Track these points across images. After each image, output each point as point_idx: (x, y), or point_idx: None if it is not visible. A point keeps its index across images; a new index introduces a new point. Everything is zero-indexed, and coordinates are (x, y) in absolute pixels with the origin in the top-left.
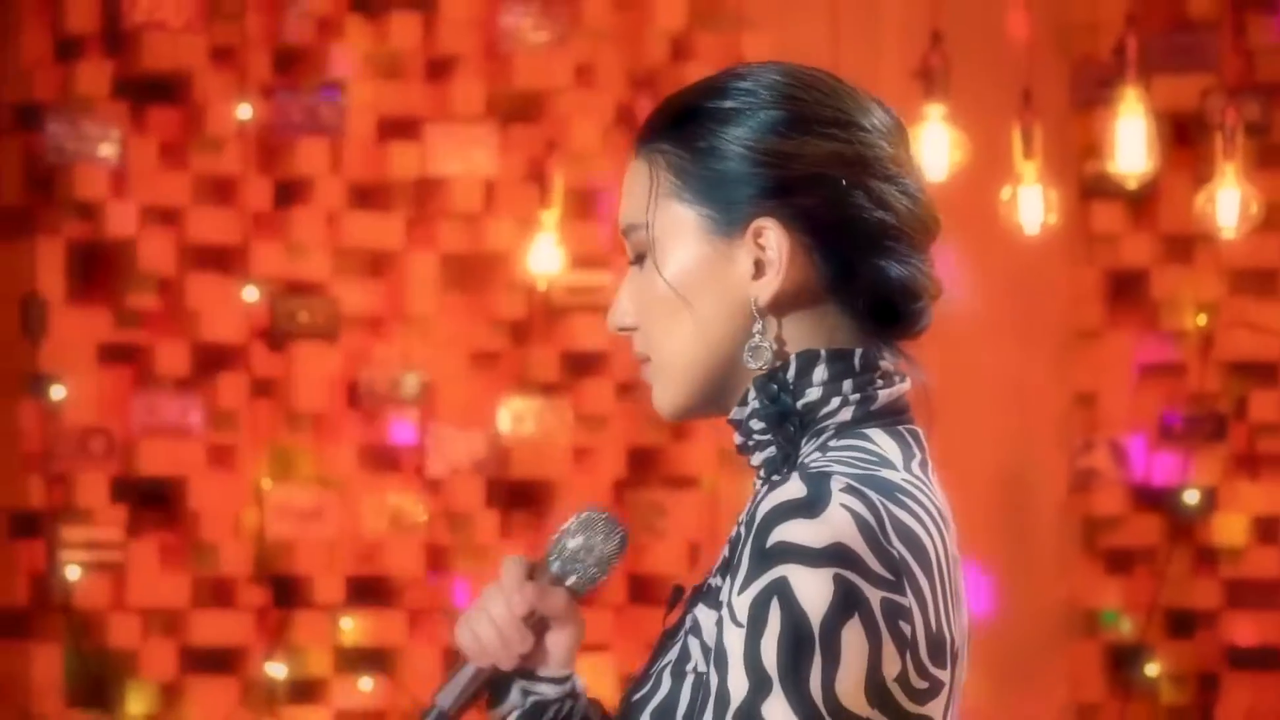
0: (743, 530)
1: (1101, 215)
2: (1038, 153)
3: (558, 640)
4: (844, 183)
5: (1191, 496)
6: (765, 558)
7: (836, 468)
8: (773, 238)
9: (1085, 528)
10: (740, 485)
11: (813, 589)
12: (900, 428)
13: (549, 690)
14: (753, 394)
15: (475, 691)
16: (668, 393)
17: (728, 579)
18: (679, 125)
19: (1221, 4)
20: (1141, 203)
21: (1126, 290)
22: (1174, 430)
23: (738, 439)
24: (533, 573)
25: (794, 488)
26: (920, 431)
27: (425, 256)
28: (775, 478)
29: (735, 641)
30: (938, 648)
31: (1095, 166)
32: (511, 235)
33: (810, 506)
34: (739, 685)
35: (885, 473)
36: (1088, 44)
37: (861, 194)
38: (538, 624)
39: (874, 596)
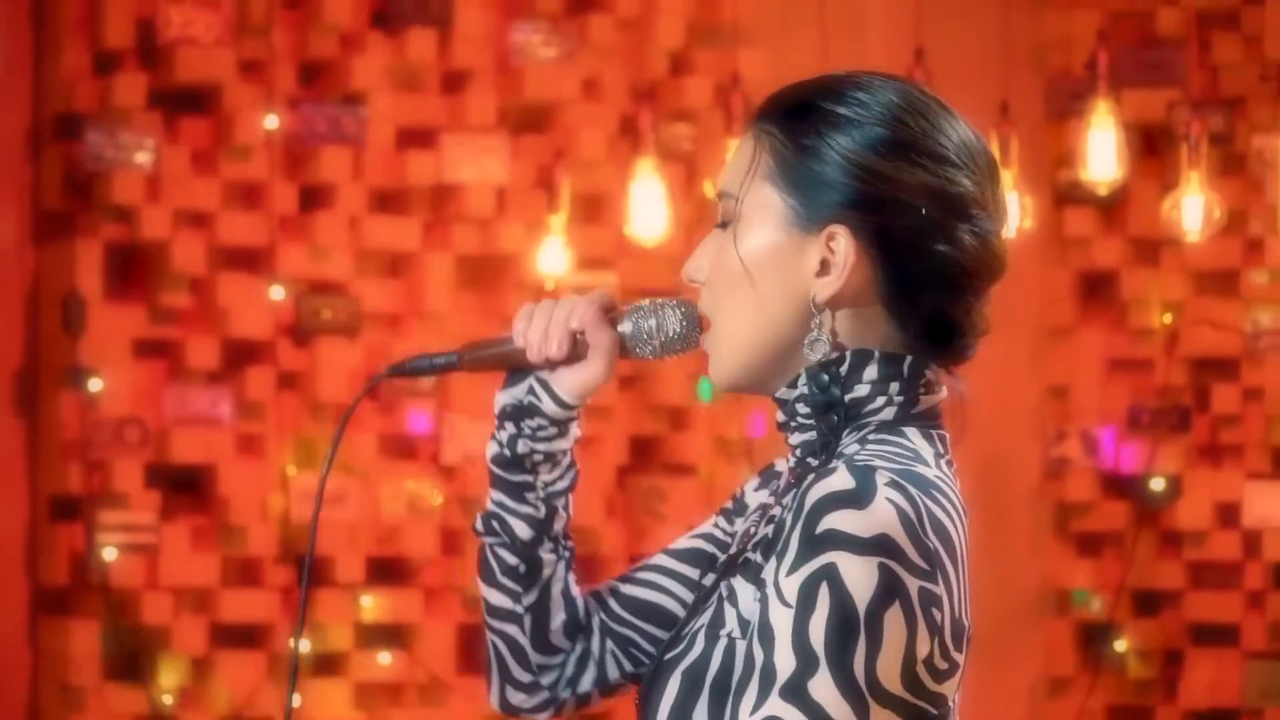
0: (788, 515)
1: (1074, 220)
2: (1014, 161)
3: (583, 370)
4: (923, 212)
5: (1157, 484)
6: (815, 544)
7: (879, 462)
8: (843, 244)
9: (1058, 512)
10: (734, 473)
11: (860, 576)
12: (931, 430)
13: (548, 403)
14: (804, 380)
15: (495, 362)
16: (723, 364)
17: (773, 559)
18: (793, 116)
19: (1188, 22)
20: (1111, 208)
21: (1097, 290)
22: (1141, 421)
23: (780, 417)
24: (609, 310)
25: (842, 479)
26: (948, 436)
27: (441, 258)
28: (812, 461)
29: (783, 621)
30: (958, 632)
31: (1068, 174)
32: (521, 238)
33: (858, 498)
34: (787, 662)
35: (920, 468)
36: (1061, 59)
37: (936, 227)
38: (579, 346)
39: (913, 585)
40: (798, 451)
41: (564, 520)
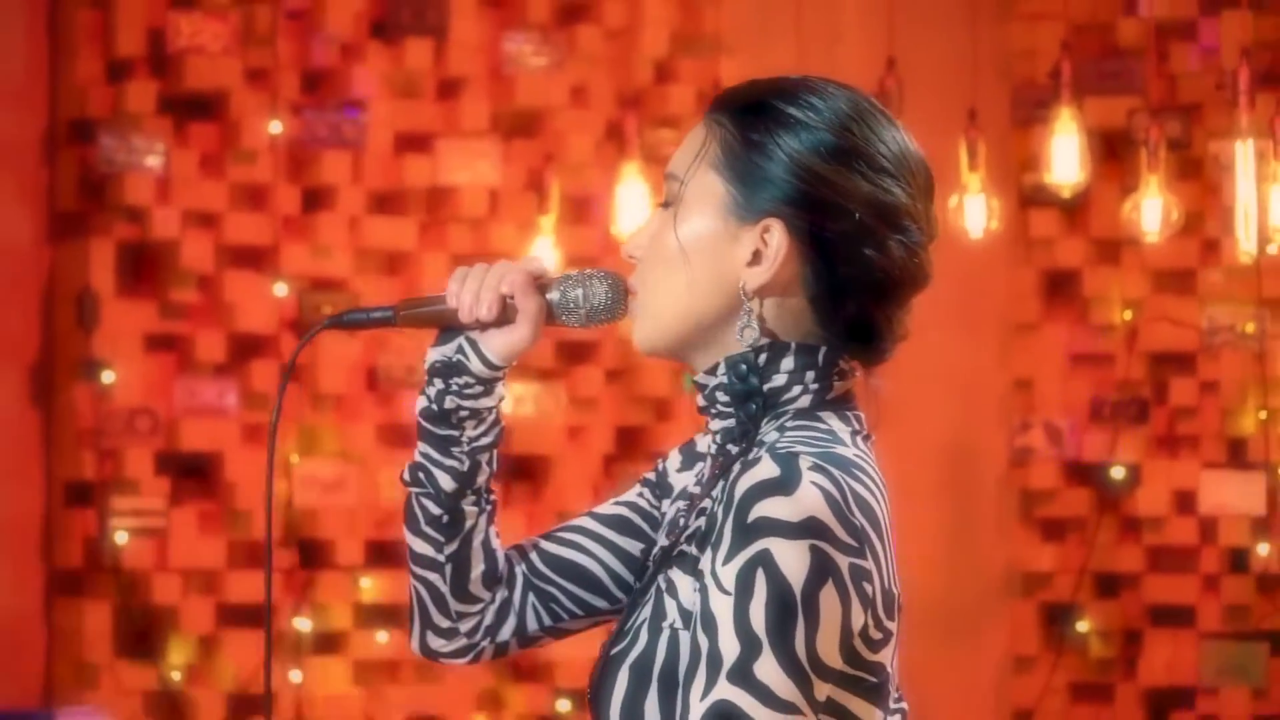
0: (718, 507)
1: (1038, 221)
2: (981, 165)
3: (511, 333)
4: (857, 218)
5: (1118, 472)
6: (748, 532)
7: (800, 447)
8: (776, 237)
9: (1023, 499)
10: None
11: (793, 559)
12: (846, 411)
13: (476, 362)
14: (723, 369)
15: (428, 320)
16: (645, 331)
17: (708, 550)
18: (746, 111)
19: (1147, 34)
20: (1074, 210)
21: (1060, 288)
22: (1102, 413)
23: (701, 401)
24: (539, 278)
25: (768, 468)
26: (863, 415)
27: (436, 257)
28: (732, 448)
29: (724, 608)
30: (889, 602)
31: (1033, 178)
32: (513, 238)
33: (785, 485)
34: (731, 647)
35: (839, 449)
36: (1027, 68)
37: (868, 234)
38: (508, 310)
39: (843, 563)
40: (718, 438)
41: (487, 475)
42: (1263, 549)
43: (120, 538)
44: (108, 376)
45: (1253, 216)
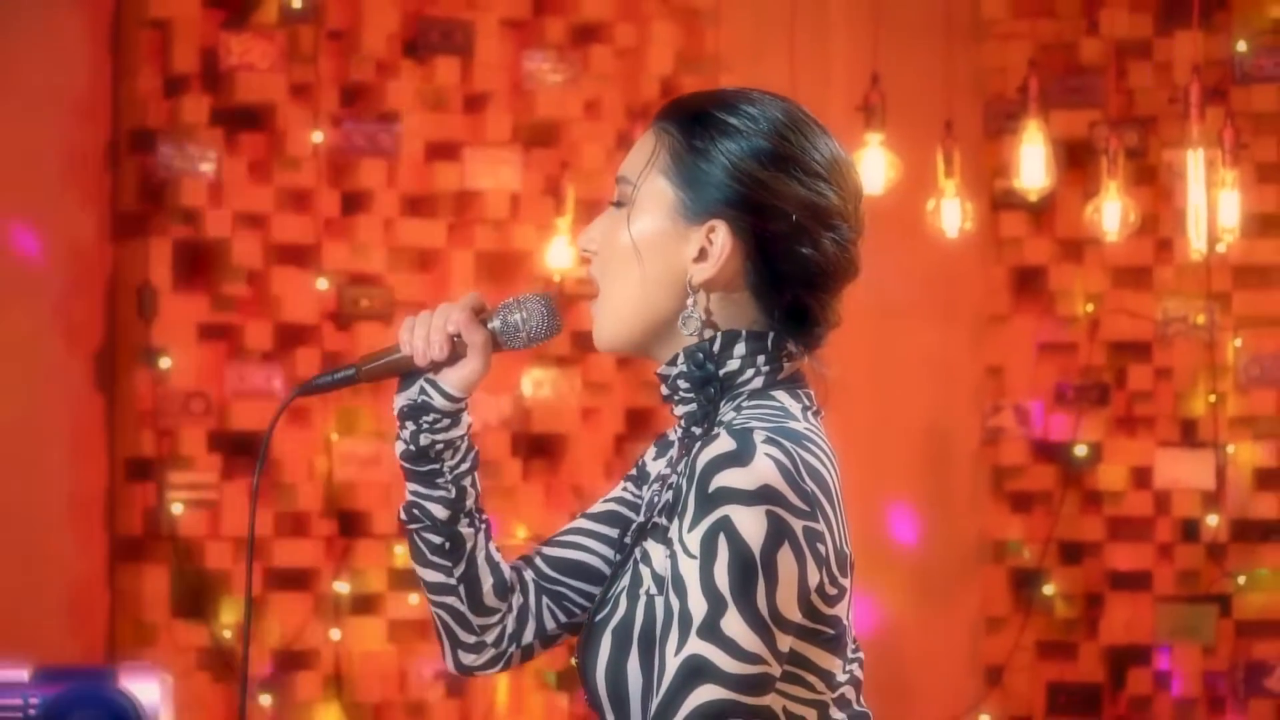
0: (683, 480)
1: (1008, 222)
2: (956, 172)
3: (464, 367)
4: (793, 219)
5: (1080, 450)
6: (709, 501)
7: (755, 424)
8: (720, 237)
9: (994, 474)
10: None
11: (751, 524)
12: (797, 389)
13: (439, 399)
14: (682, 359)
15: (388, 371)
16: (605, 329)
17: (675, 520)
18: (689, 120)
19: (1107, 52)
20: (1041, 212)
21: (1028, 283)
22: (1066, 396)
23: (664, 391)
24: (480, 312)
25: (725, 442)
26: (813, 392)
27: (463, 254)
28: (696, 430)
29: (691, 570)
30: (842, 561)
31: (1003, 183)
32: (533, 237)
33: (741, 457)
34: (699, 606)
35: (791, 424)
36: (998, 84)
37: (804, 234)
38: (458, 347)
39: (797, 526)
40: (682, 422)
41: (473, 496)
42: (1212, 520)
43: (176, 509)
44: (165, 363)
45: (1203, 219)
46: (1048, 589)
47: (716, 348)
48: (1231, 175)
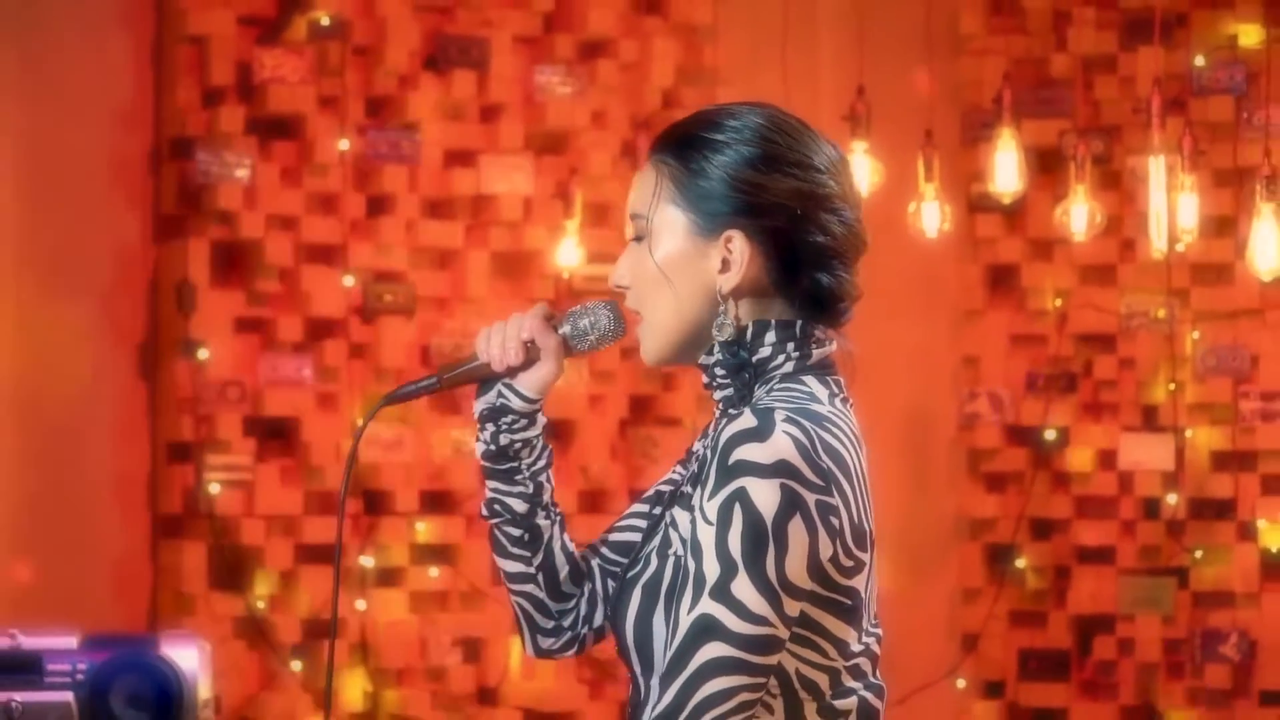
0: (708, 453)
1: (983, 224)
2: (936, 176)
3: (539, 371)
4: (798, 212)
5: (1050, 434)
6: (728, 472)
7: (778, 404)
8: (738, 245)
9: (970, 456)
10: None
11: (765, 495)
12: (827, 376)
13: (516, 401)
14: (718, 349)
15: (468, 378)
16: (652, 346)
17: (698, 488)
18: (681, 146)
19: (1075, 67)
20: (1013, 214)
21: (1002, 280)
22: (1037, 384)
23: (705, 380)
24: (550, 319)
25: (747, 419)
26: (842, 380)
27: (479, 253)
28: (733, 411)
29: (708, 536)
30: (859, 536)
31: (979, 187)
32: (544, 238)
33: (760, 433)
34: (712, 569)
35: (815, 406)
36: (974, 96)
37: (810, 222)
38: (532, 352)
39: (810, 499)
40: (720, 405)
41: (549, 491)
42: (1171, 499)
43: (213, 489)
44: (203, 354)
45: (1163, 220)
46: (1019, 562)
47: (749, 336)
48: (1190, 180)
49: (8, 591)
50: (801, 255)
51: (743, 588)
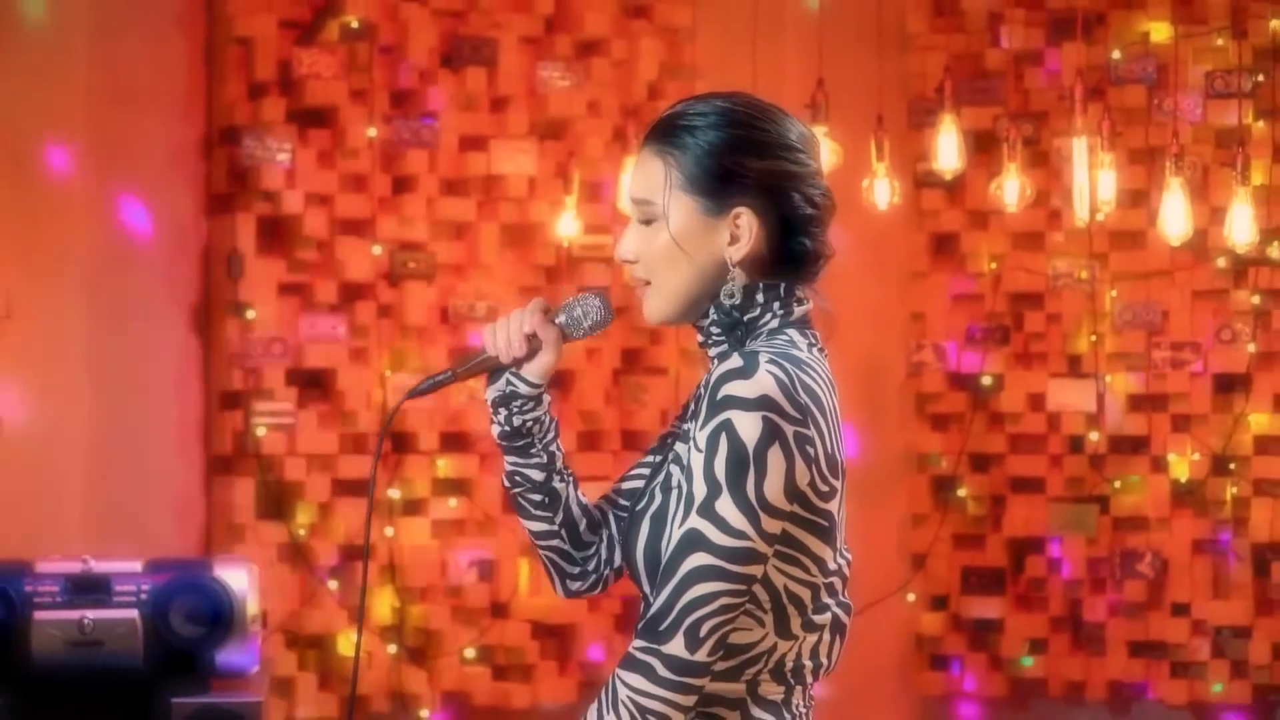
0: (703, 390)
1: (928, 198)
2: (886, 156)
3: (541, 359)
4: (788, 188)
5: (987, 380)
6: (717, 406)
7: (764, 350)
8: (745, 221)
9: (917, 400)
10: (693, 372)
11: (748, 426)
12: (806, 330)
13: (524, 387)
14: (713, 311)
15: (477, 371)
16: (660, 307)
17: (694, 422)
18: (680, 134)
19: (1007, 60)
20: (954, 189)
21: (944, 246)
22: (975, 337)
23: (700, 338)
24: (548, 312)
25: (735, 361)
26: (818, 334)
27: (490, 226)
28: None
29: (697, 462)
30: (832, 465)
31: (924, 166)
32: (546, 212)
33: (746, 372)
34: (700, 490)
35: (795, 352)
36: (919, 86)
37: (798, 195)
38: (533, 343)
39: (789, 430)
40: (715, 360)
41: (560, 458)
42: (1093, 436)
43: (260, 431)
44: (250, 314)
45: (1085, 193)
46: (961, 492)
47: (740, 299)
48: (1108, 158)
49: (81, 522)
50: (793, 224)
51: (725, 506)
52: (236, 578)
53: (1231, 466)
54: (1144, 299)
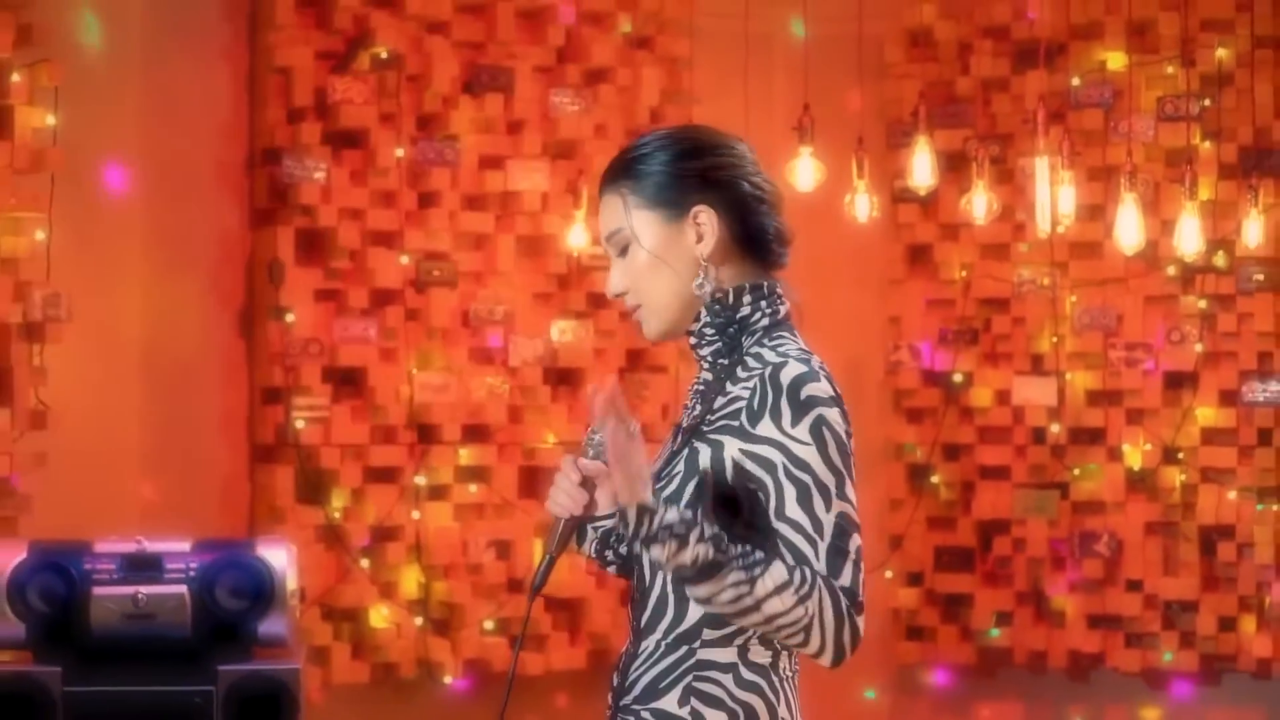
0: (764, 389)
1: (904, 212)
2: (866, 174)
3: (602, 494)
4: (734, 178)
5: (958, 377)
6: (805, 405)
7: (801, 354)
8: (705, 217)
9: (894, 395)
10: (690, 370)
11: (838, 420)
12: (793, 330)
13: (607, 522)
14: (704, 313)
15: (566, 538)
16: (655, 324)
17: (766, 420)
18: (630, 166)
19: (976, 87)
20: (928, 204)
21: (919, 256)
22: (947, 338)
23: (692, 341)
24: (579, 457)
25: (798, 366)
26: (798, 331)
27: (507, 237)
28: (724, 361)
29: (811, 454)
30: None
31: (901, 183)
32: (558, 224)
33: (814, 375)
34: (828, 478)
35: (809, 351)
36: (896, 110)
37: (746, 185)
38: (588, 486)
39: (843, 423)
40: (709, 358)
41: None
42: (1054, 428)
43: (299, 424)
44: (290, 317)
45: (1047, 208)
46: (934, 478)
47: (730, 300)
48: (1068, 176)
49: (136, 506)
50: (747, 208)
51: (849, 490)
52: (277, 556)
53: (1180, 456)
54: (1101, 304)
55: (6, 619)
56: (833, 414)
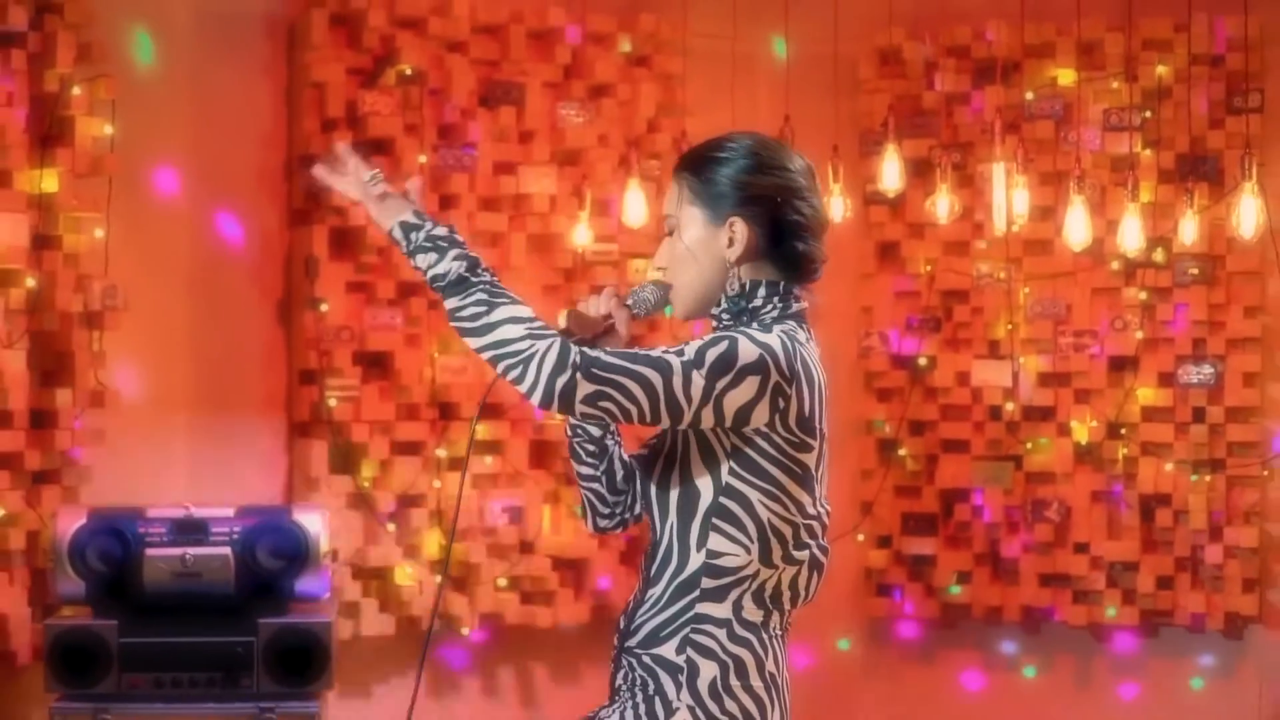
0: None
1: (875, 213)
2: (840, 179)
3: (616, 337)
4: (779, 200)
5: (923, 361)
6: (729, 330)
7: (774, 328)
8: (739, 227)
9: (866, 377)
10: None
11: (747, 349)
12: (802, 323)
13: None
14: (724, 301)
15: (591, 328)
16: (683, 305)
17: None
18: (696, 164)
19: (940, 101)
20: (896, 206)
21: (888, 253)
22: (913, 326)
23: (713, 324)
24: (618, 296)
25: (760, 333)
26: (809, 327)
27: (519, 235)
28: (759, 331)
29: (695, 342)
30: (806, 426)
31: (872, 187)
32: (564, 224)
33: (763, 331)
34: (687, 351)
35: (798, 335)
36: (868, 122)
37: (787, 207)
38: (608, 323)
39: (771, 379)
40: None
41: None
42: (1009, 406)
43: (332, 402)
44: (324, 307)
45: (1003, 209)
46: (901, 451)
47: (747, 290)
48: (1022, 180)
49: (185, 476)
50: (784, 230)
51: (695, 378)
52: (312, 521)
53: (1123, 431)
54: (1051, 295)
55: (69, 577)
56: (748, 345)
